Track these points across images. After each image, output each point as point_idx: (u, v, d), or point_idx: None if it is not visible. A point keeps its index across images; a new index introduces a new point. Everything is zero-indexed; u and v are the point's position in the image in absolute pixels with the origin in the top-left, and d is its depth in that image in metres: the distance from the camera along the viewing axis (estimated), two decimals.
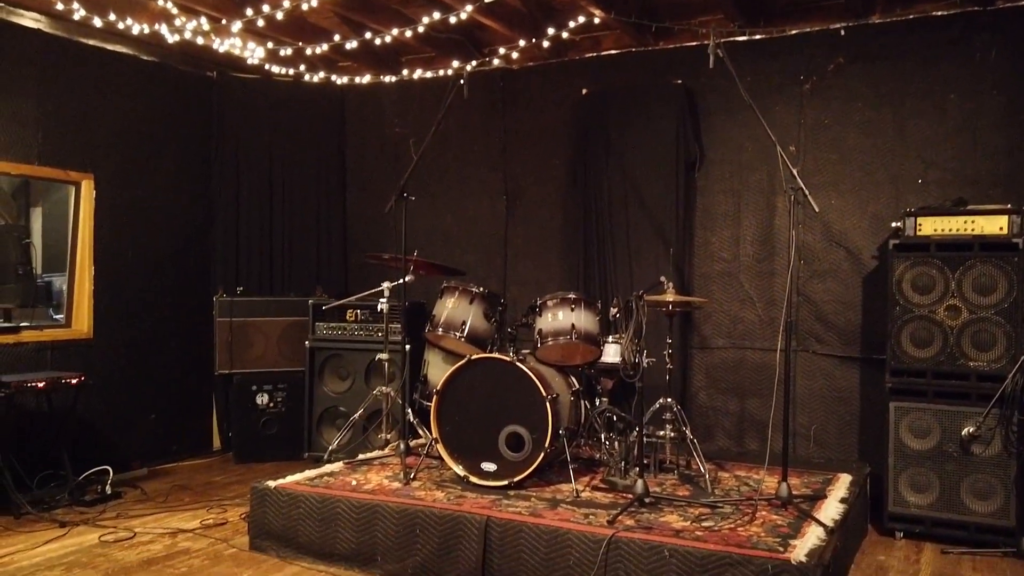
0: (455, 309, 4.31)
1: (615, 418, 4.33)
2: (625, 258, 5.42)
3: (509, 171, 5.99)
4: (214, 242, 6.21)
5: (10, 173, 5.00)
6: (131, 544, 4.05)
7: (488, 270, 5.95)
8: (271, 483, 3.99)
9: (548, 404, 3.85)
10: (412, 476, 4.11)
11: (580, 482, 3.99)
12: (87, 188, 5.34)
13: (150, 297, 5.75)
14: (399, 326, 5.40)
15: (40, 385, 4.52)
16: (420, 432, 4.73)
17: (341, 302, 5.31)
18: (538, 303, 4.23)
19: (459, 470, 4.01)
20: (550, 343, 4.12)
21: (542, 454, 3.85)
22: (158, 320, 5.80)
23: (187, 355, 6.00)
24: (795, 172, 3.70)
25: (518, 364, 3.94)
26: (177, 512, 4.61)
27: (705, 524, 3.45)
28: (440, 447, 4.07)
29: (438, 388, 4.08)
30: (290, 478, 4.11)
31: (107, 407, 5.40)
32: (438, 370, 4.71)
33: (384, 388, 4.71)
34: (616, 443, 4.20)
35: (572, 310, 4.12)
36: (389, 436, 4.74)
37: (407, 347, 5.17)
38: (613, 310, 4.25)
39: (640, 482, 3.66)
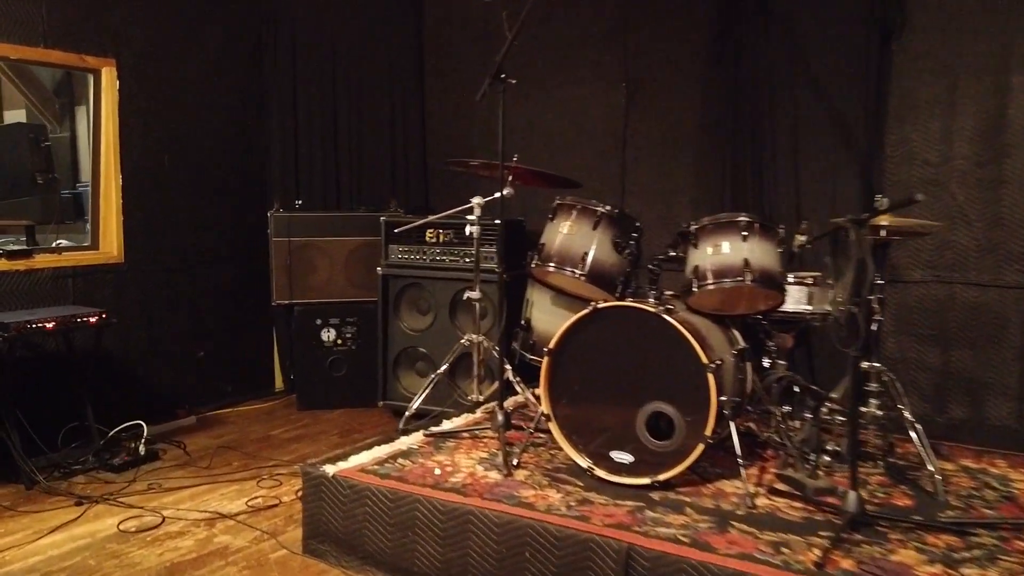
0: (572, 236, 3.12)
1: (798, 389, 3.12)
2: (789, 162, 4.10)
3: (630, 49, 4.65)
4: (267, 145, 5.14)
5: (8, 58, 3.98)
6: (155, 537, 3.15)
7: (600, 179, 4.69)
8: (328, 468, 2.98)
9: (711, 375, 2.68)
10: (515, 463, 3.03)
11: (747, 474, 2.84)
12: (108, 77, 4.30)
13: (192, 212, 4.76)
14: (492, 253, 4.28)
15: (49, 326, 3.60)
16: (518, 389, 3.64)
17: (420, 222, 4.19)
18: (693, 228, 3.00)
19: (581, 460, 2.91)
20: (711, 286, 2.91)
21: (701, 445, 2.71)
22: (202, 240, 4.82)
23: (240, 281, 5.04)
24: None
25: (665, 317, 2.76)
26: (221, 484, 3.70)
27: (966, 573, 2.26)
28: (554, 427, 2.97)
29: (550, 346, 2.95)
30: (353, 460, 3.09)
31: (144, 345, 4.50)
32: (546, 315, 3.58)
33: (474, 336, 3.60)
34: (798, 423, 3.01)
35: (744, 239, 2.88)
36: (481, 396, 3.67)
37: (504, 281, 4.05)
38: (801, 238, 2.99)
39: (852, 496, 2.49)
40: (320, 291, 4.90)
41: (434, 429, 3.47)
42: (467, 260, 4.49)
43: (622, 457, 2.85)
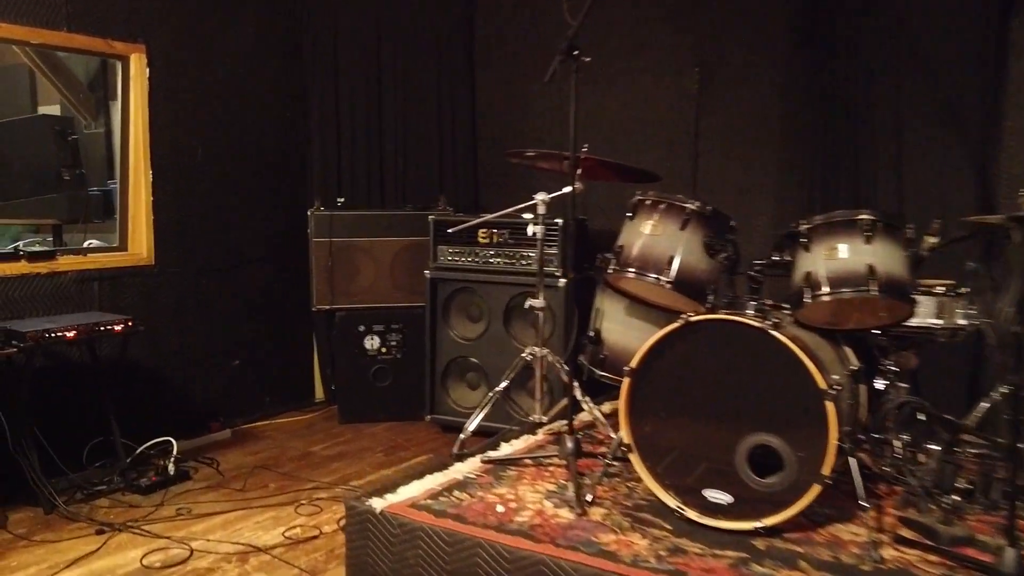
0: (656, 237, 2.70)
1: (923, 416, 2.66)
2: (890, 155, 3.63)
3: (703, 30, 4.23)
4: (307, 138, 4.80)
5: (29, 42, 3.68)
6: (182, 575, 2.80)
7: (668, 174, 4.24)
8: (376, 502, 2.60)
9: (830, 403, 2.25)
10: (590, 499, 2.63)
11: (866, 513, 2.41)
12: (137, 64, 3.98)
13: (226, 210, 4.43)
14: (553, 256, 3.90)
15: (69, 335, 3.28)
16: (587, 409, 3.24)
17: (476, 221, 3.80)
18: (803, 229, 2.56)
19: (668, 499, 2.50)
20: (826, 296, 2.47)
21: (817, 487, 2.28)
22: (237, 240, 4.49)
23: (277, 285, 4.70)
24: None
25: (774, 333, 2.33)
26: (256, 510, 3.35)
27: None
28: (636, 459, 2.55)
29: (632, 364, 2.54)
30: (403, 492, 2.71)
31: (175, 353, 4.18)
32: (618, 327, 3.17)
33: (536, 348, 3.20)
34: (922, 456, 2.56)
35: (867, 240, 2.44)
36: (544, 417, 3.26)
37: (566, 286, 3.67)
38: (931, 239, 2.54)
39: (1011, 555, 2.04)
40: (363, 295, 4.54)
41: (493, 455, 3.08)
42: (523, 263, 4.10)
43: (718, 496, 2.43)
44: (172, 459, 3.65)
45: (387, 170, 4.90)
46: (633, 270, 2.71)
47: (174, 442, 3.74)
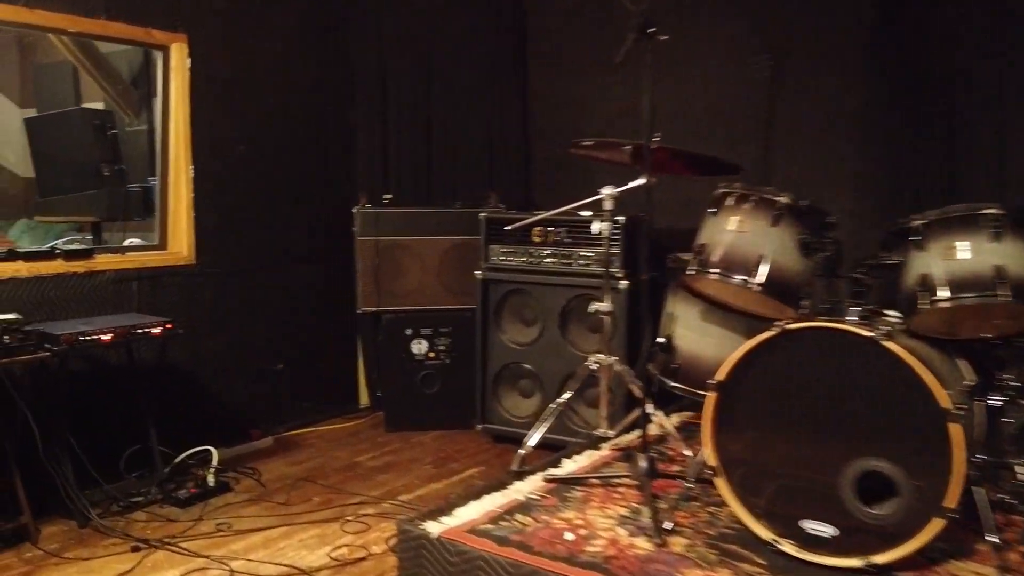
0: (744, 235, 2.42)
1: None
2: (991, 143, 3.30)
3: (774, 14, 3.92)
4: (352, 132, 4.58)
5: (66, 30, 3.51)
6: None
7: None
8: (432, 527, 2.36)
9: (955, 426, 1.95)
10: (669, 527, 2.36)
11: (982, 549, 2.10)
12: (178, 55, 3.81)
13: (269, 208, 4.24)
14: (613, 256, 3.63)
15: (105, 338, 3.09)
16: (659, 424, 2.96)
17: (536, 217, 3.55)
18: (916, 225, 2.26)
19: (761, 530, 2.22)
20: (945, 302, 2.17)
21: (939, 521, 1.98)
22: (280, 239, 4.29)
23: (321, 285, 4.50)
24: None
25: (888, 344, 2.04)
26: (300, 526, 3.13)
27: None
28: (722, 484, 2.28)
29: (719, 377, 2.26)
30: (461, 514, 2.46)
31: (216, 357, 3.99)
32: (693, 333, 2.90)
33: (602, 356, 2.93)
34: None
35: (995, 237, 2.14)
36: (611, 431, 2.99)
37: (629, 288, 3.40)
38: None
39: None
40: (410, 297, 4.32)
41: (555, 472, 2.82)
42: (581, 263, 3.84)
43: (819, 528, 2.14)
44: (212, 470, 3.46)
45: (435, 165, 4.67)
46: (717, 271, 2.43)
47: (214, 451, 3.55)
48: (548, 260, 3.92)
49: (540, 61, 4.74)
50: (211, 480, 3.42)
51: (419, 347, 4.32)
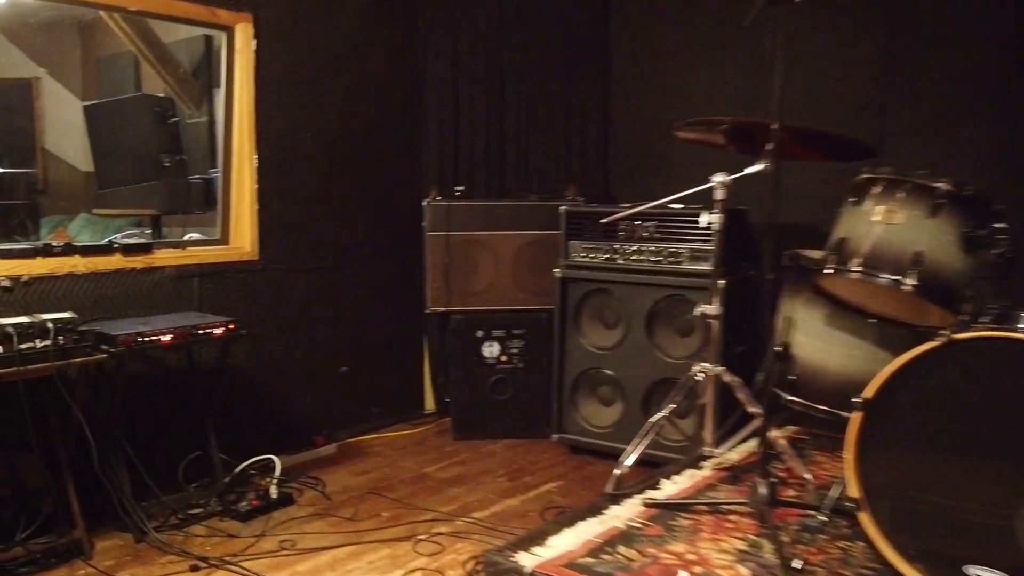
0: (894, 227, 2.08)
1: None
2: None
3: None
4: (423, 120, 4.33)
5: (126, 9, 3.32)
6: None
7: None
8: (524, 559, 2.08)
9: None
10: (798, 565, 2.02)
11: None
12: (243, 36, 3.59)
13: (337, 201, 4.00)
14: (707, 252, 3.29)
15: (164, 339, 2.88)
16: (777, 445, 2.62)
17: (635, 209, 3.23)
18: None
19: (913, 574, 1.87)
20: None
21: None
22: (347, 234, 4.05)
23: (388, 283, 4.25)
24: None
25: None
26: (369, 545, 2.87)
27: None
28: (867, 519, 1.94)
29: (866, 395, 1.92)
30: (555, 544, 2.17)
31: (278, 359, 3.77)
32: (817, 341, 2.55)
33: (708, 366, 2.61)
34: None
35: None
36: (715, 448, 2.67)
37: (725, 288, 3.06)
38: None
39: None
40: (482, 296, 4.04)
41: (655, 496, 2.51)
42: (671, 261, 3.52)
43: (987, 575, 1.79)
44: (274, 481, 3.23)
45: (509, 156, 4.38)
46: (860, 269, 2.09)
47: (277, 460, 3.33)
48: (634, 257, 3.61)
49: (623, 45, 4.42)
50: (274, 492, 3.19)
51: (491, 350, 4.04)
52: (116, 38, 4.24)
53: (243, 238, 3.67)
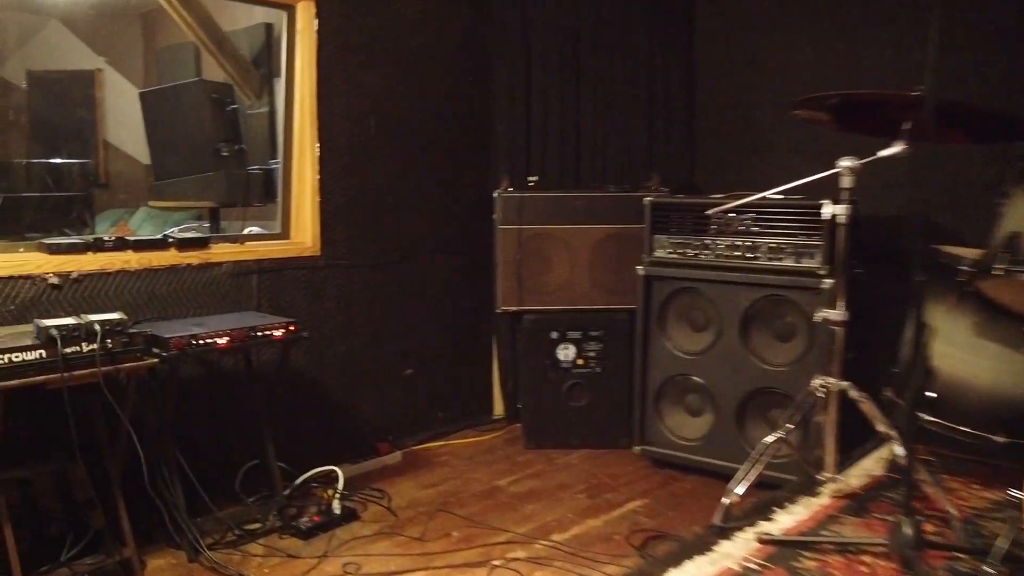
0: None
1: None
2: None
3: None
4: (492, 104, 4.04)
5: None
6: None
7: None
8: None
9: None
10: None
11: None
12: (305, 16, 3.35)
13: (402, 192, 3.75)
14: (814, 248, 2.95)
15: (221, 342, 2.65)
16: (919, 473, 2.27)
17: (743, 200, 2.89)
18: None
19: None
20: None
21: None
22: (413, 227, 3.80)
23: (455, 280, 3.99)
24: None
25: None
26: (440, 571, 2.61)
27: None
28: None
29: None
30: None
31: (340, 360, 3.53)
32: (963, 353, 2.19)
33: (832, 380, 2.26)
34: None
35: None
36: (837, 474, 2.32)
37: (830, 289, 2.70)
38: None
39: None
40: (557, 295, 3.75)
41: (770, 530, 2.18)
42: (770, 258, 3.17)
43: None
44: (337, 495, 2.99)
45: (584, 143, 4.06)
46: None
47: (340, 473, 3.09)
48: (728, 253, 3.27)
49: (710, 18, 4.06)
50: (336, 507, 2.95)
51: (566, 353, 3.74)
52: (177, 28, 4.09)
53: (304, 232, 3.44)
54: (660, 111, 4.05)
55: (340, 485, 3.04)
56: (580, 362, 3.75)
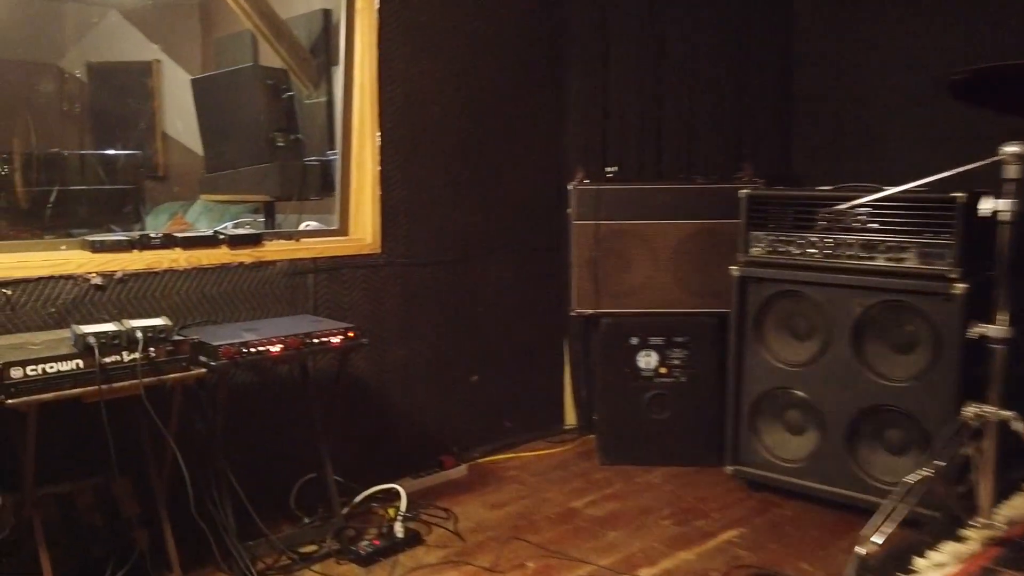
0: None
1: None
2: None
3: None
4: (566, 88, 3.72)
5: None
6: None
7: None
8: None
9: None
10: None
11: None
12: None
13: (469, 185, 3.46)
14: (942, 248, 2.57)
15: (274, 351, 2.39)
16: None
17: (878, 194, 2.52)
18: None
19: None
20: None
21: None
22: (480, 223, 3.51)
23: (525, 279, 3.68)
24: None
25: None
26: None
27: None
28: None
29: None
30: None
31: (402, 366, 3.26)
32: None
33: (989, 408, 1.89)
34: None
35: None
36: (993, 519, 1.95)
37: (962, 294, 2.31)
38: None
39: None
40: (638, 297, 3.42)
41: None
42: (888, 258, 2.78)
43: None
44: (399, 516, 2.71)
45: (667, 130, 3.71)
46: None
47: (402, 492, 2.82)
48: (837, 252, 2.89)
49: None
50: (399, 530, 2.68)
51: (647, 360, 3.41)
52: (235, 16, 3.90)
53: (364, 228, 3.18)
54: (752, 94, 3.67)
55: (403, 507, 2.77)
56: (663, 371, 3.41)
